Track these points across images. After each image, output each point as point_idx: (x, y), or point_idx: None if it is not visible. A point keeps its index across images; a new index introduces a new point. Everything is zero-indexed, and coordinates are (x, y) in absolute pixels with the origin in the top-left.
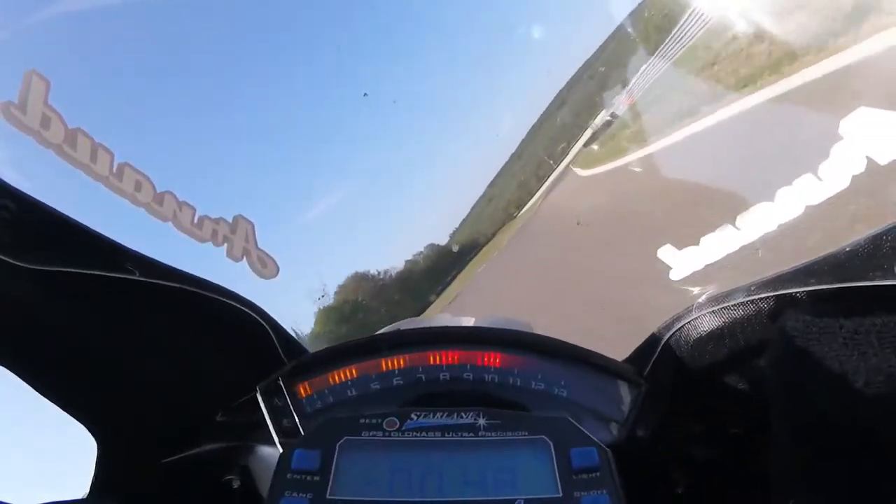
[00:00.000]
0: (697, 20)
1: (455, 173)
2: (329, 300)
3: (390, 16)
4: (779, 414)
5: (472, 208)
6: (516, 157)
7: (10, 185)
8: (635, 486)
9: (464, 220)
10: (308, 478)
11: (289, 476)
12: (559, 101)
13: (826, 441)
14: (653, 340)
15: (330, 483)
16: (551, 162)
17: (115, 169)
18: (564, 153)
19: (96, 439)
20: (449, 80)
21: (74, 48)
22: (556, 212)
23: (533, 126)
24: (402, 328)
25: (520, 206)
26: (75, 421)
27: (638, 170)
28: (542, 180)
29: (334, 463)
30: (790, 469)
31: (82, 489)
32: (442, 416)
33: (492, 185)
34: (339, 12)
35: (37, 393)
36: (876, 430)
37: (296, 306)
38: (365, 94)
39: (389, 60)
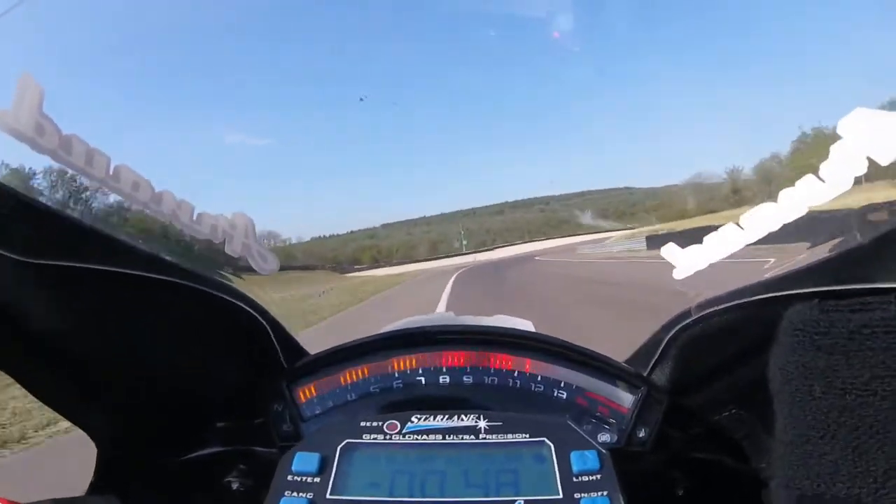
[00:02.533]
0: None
1: None
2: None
3: None
4: (783, 413)
5: None
6: None
7: (7, 185)
8: (636, 487)
9: None
10: (308, 479)
11: (289, 477)
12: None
13: (831, 441)
14: (654, 341)
15: (330, 484)
16: None
17: (111, 171)
18: None
19: (94, 441)
20: None
21: (73, 47)
22: None
23: None
24: (401, 328)
25: None
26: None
27: None
28: None
29: (335, 465)
30: (794, 470)
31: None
32: (443, 419)
33: None
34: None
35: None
36: (877, 431)
37: None
38: (362, 99)
39: None
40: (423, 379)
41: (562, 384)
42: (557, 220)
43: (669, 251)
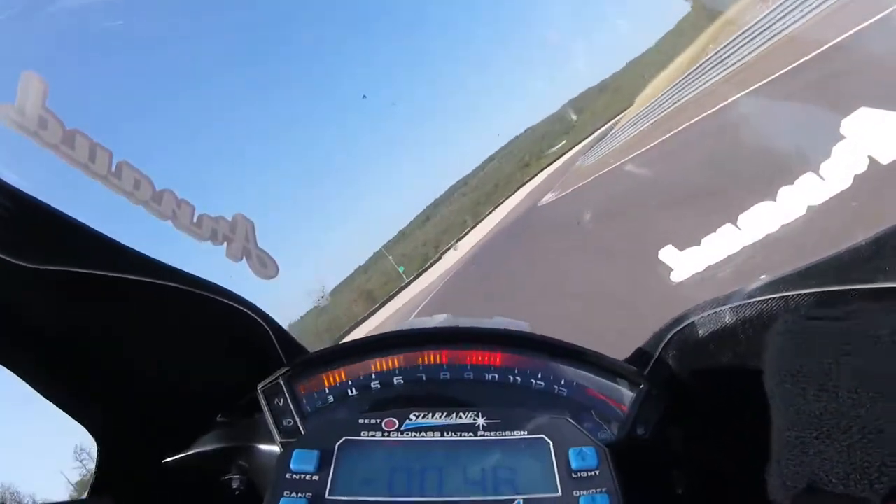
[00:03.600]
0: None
1: None
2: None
3: None
4: (778, 414)
5: None
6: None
7: (8, 184)
8: (635, 485)
9: None
10: (307, 478)
11: (288, 476)
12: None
13: (825, 440)
14: (654, 341)
15: (329, 483)
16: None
17: (113, 168)
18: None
19: (96, 440)
20: None
21: (75, 48)
22: None
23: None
24: (401, 328)
25: None
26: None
27: None
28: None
29: (333, 463)
30: (790, 469)
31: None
32: (441, 416)
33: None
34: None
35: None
36: (874, 429)
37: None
38: (364, 97)
39: None
40: (423, 375)
41: (562, 382)
42: (487, 194)
43: (668, 254)
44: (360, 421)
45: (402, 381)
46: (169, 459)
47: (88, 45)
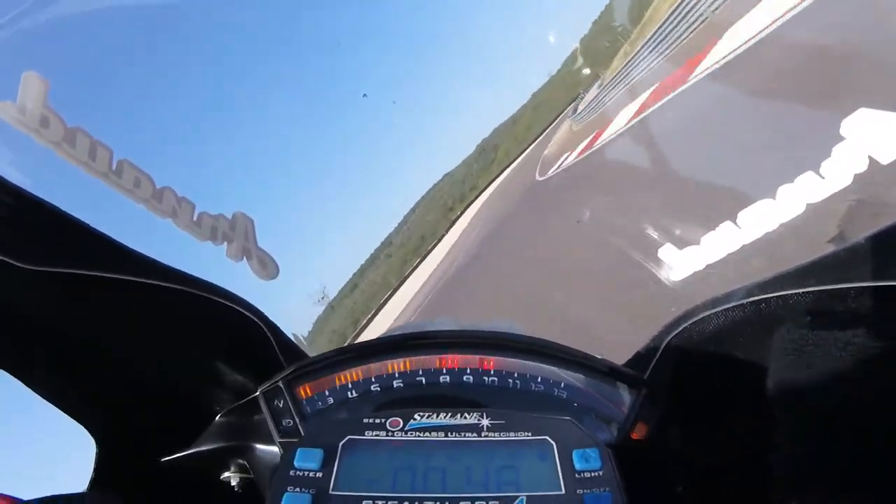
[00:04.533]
0: None
1: None
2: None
3: None
4: (779, 414)
5: None
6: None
7: (9, 182)
8: (636, 484)
9: None
10: (311, 474)
11: (291, 473)
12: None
13: (825, 439)
14: (654, 343)
15: (332, 479)
16: None
17: (114, 166)
18: None
19: (95, 440)
20: None
21: (76, 48)
22: None
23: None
24: (400, 332)
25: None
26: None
27: None
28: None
29: (337, 460)
30: (790, 468)
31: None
32: (446, 417)
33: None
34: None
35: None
36: (872, 426)
37: None
38: (364, 95)
39: None
40: (423, 380)
41: (562, 384)
42: (414, 248)
43: (667, 252)
44: (365, 421)
45: (402, 385)
46: (168, 458)
47: (89, 44)
